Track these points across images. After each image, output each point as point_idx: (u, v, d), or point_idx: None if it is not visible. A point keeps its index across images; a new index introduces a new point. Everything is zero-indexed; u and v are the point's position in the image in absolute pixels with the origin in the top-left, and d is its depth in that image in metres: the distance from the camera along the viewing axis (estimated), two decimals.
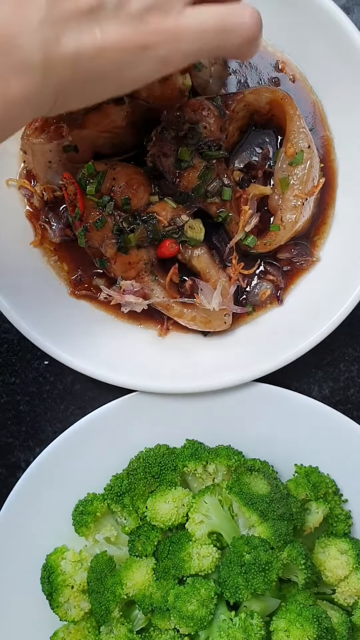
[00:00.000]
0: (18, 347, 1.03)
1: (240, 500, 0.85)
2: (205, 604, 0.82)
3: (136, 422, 0.95)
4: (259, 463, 0.93)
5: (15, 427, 1.03)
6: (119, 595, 0.86)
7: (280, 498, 0.86)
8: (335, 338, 1.00)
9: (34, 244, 0.97)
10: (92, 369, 0.92)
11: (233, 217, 0.92)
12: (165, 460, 0.91)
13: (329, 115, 0.95)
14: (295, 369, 0.98)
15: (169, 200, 0.90)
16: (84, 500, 0.93)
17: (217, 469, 0.92)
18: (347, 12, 0.96)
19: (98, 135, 0.91)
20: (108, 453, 0.96)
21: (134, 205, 0.89)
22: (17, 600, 0.94)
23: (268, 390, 0.94)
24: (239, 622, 0.81)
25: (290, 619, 0.82)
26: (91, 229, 0.89)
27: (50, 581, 0.90)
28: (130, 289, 0.91)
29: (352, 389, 1.02)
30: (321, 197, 0.96)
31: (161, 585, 0.85)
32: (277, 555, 0.82)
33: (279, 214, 0.92)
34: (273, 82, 0.96)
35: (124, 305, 0.93)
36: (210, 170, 0.88)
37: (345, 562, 0.88)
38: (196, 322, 0.93)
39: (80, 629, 0.91)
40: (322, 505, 0.91)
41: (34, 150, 0.91)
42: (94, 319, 0.97)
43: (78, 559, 0.91)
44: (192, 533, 0.86)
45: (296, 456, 0.95)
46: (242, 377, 0.92)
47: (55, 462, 0.94)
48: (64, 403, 1.03)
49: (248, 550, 0.82)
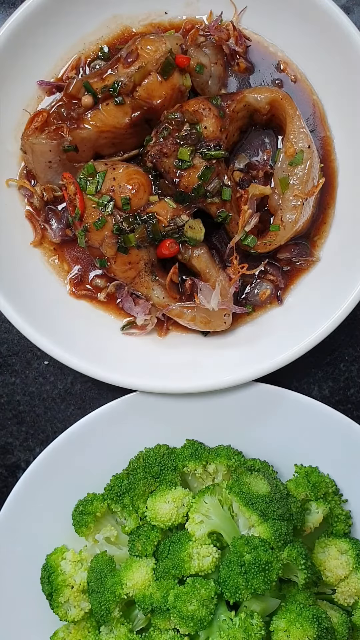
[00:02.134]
0: (18, 347, 1.03)
1: (240, 500, 0.85)
2: (205, 604, 0.82)
3: (136, 422, 0.95)
4: (259, 463, 0.93)
5: (15, 427, 1.03)
6: (119, 595, 0.86)
7: (280, 498, 0.86)
8: (335, 338, 1.00)
9: (34, 244, 0.97)
10: (93, 369, 0.92)
11: (233, 217, 0.92)
12: (165, 460, 0.91)
13: (329, 116, 0.95)
14: (295, 369, 0.98)
15: (169, 200, 0.90)
16: (84, 500, 0.93)
17: (217, 469, 0.92)
18: (347, 12, 0.96)
19: (98, 135, 0.91)
20: (108, 453, 0.96)
21: (134, 205, 0.89)
22: (17, 600, 0.94)
23: (268, 390, 0.94)
24: (239, 622, 0.81)
25: (290, 619, 0.82)
26: (91, 229, 0.89)
27: (50, 581, 0.90)
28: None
29: (352, 389, 1.02)
30: (321, 197, 0.96)
31: (161, 585, 0.85)
32: (277, 555, 0.82)
33: (279, 214, 0.92)
34: (276, 83, 0.96)
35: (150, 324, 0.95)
36: (210, 170, 0.88)
37: (345, 562, 0.88)
38: (196, 322, 0.93)
39: (80, 629, 0.91)
40: (322, 505, 0.91)
41: (34, 150, 0.91)
42: (93, 319, 0.97)
43: (78, 559, 0.91)
44: (192, 533, 0.86)
45: (296, 456, 0.95)
46: (242, 377, 0.92)
47: (55, 462, 0.94)
48: (64, 403, 1.03)
49: (248, 550, 0.82)
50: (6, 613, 0.94)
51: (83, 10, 0.95)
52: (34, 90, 0.96)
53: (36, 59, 0.95)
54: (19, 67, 0.94)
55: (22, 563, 0.94)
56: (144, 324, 0.95)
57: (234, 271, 0.92)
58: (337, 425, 0.93)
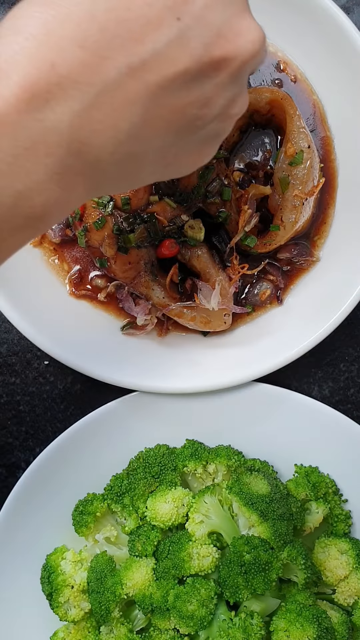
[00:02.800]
0: (18, 347, 1.03)
1: (240, 500, 0.85)
2: (205, 604, 0.82)
3: (136, 422, 0.95)
4: (259, 463, 0.93)
5: (15, 427, 1.03)
6: (119, 595, 0.86)
7: (280, 498, 0.86)
8: (335, 338, 1.00)
9: (34, 244, 0.97)
10: (92, 369, 0.92)
11: (233, 217, 0.92)
12: (165, 460, 0.91)
13: (329, 116, 0.95)
14: (295, 369, 0.98)
15: (169, 200, 0.90)
16: (84, 500, 0.93)
17: (217, 469, 0.92)
18: (347, 12, 0.96)
19: None
20: (108, 453, 0.96)
21: (134, 205, 0.89)
22: (17, 600, 0.94)
23: (268, 390, 0.94)
24: (239, 622, 0.81)
25: (290, 619, 0.82)
26: (91, 229, 0.89)
27: (50, 581, 0.90)
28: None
29: (352, 389, 1.02)
30: (321, 197, 0.96)
31: (161, 585, 0.85)
32: (277, 555, 0.82)
33: (279, 214, 0.92)
34: (276, 83, 0.96)
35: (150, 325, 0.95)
36: (210, 170, 0.88)
37: (345, 562, 0.88)
38: (196, 322, 0.93)
39: (80, 629, 0.91)
40: (322, 505, 0.91)
41: None
42: (93, 319, 0.97)
43: (78, 559, 0.91)
44: (192, 533, 0.86)
45: (296, 456, 0.95)
46: (242, 377, 0.92)
47: (55, 462, 0.94)
48: (64, 403, 1.03)
49: (248, 550, 0.82)
50: (6, 613, 0.94)
51: None
52: None
53: None
54: None
55: (22, 563, 0.94)
56: (144, 324, 0.95)
57: (234, 271, 0.92)
58: (337, 425, 0.93)
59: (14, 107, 0.45)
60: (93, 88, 0.46)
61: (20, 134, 0.46)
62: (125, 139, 0.49)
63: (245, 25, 0.53)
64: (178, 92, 0.49)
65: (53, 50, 0.45)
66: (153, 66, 0.47)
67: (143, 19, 0.46)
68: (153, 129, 0.51)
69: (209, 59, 0.49)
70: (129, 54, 0.46)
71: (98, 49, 0.46)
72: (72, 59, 0.45)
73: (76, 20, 0.45)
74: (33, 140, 0.46)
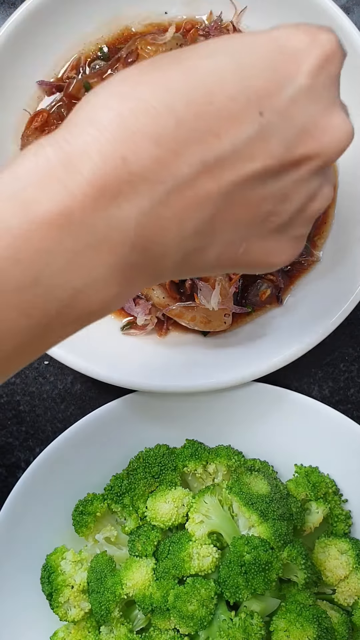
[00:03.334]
0: None
1: (240, 500, 0.85)
2: (205, 604, 0.82)
3: (136, 422, 0.95)
4: (259, 463, 0.93)
5: (15, 427, 1.03)
6: (119, 595, 0.86)
7: (280, 498, 0.86)
8: (335, 338, 1.00)
9: None
10: (92, 369, 0.92)
11: None
12: (165, 460, 0.91)
13: None
14: (295, 369, 0.98)
15: None
16: (84, 500, 0.93)
17: (217, 469, 0.92)
18: (347, 12, 0.96)
19: None
20: (108, 453, 0.96)
21: None
22: (17, 600, 0.94)
23: (268, 390, 0.94)
24: (239, 622, 0.81)
25: (290, 619, 0.82)
26: None
27: (50, 581, 0.90)
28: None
29: (352, 389, 1.02)
30: None
31: (161, 585, 0.85)
32: (277, 555, 0.82)
33: None
34: None
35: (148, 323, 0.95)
36: None
37: (345, 562, 0.88)
38: (196, 322, 0.93)
39: (80, 629, 0.91)
40: (322, 505, 0.91)
41: None
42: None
43: (78, 559, 0.91)
44: (192, 533, 0.86)
45: (296, 456, 0.95)
46: (242, 377, 0.92)
47: (55, 462, 0.94)
48: (64, 403, 1.03)
49: (248, 550, 0.82)
50: (6, 613, 0.94)
51: (83, 10, 0.95)
52: (34, 90, 0.96)
53: (36, 59, 0.95)
54: (19, 67, 0.94)
55: (22, 563, 0.94)
56: (144, 324, 0.95)
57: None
58: (337, 425, 0.93)
59: (81, 205, 0.42)
60: (163, 186, 0.44)
61: (83, 232, 0.43)
62: (192, 235, 0.47)
63: (333, 122, 0.50)
64: (252, 189, 0.47)
65: (125, 144, 0.42)
66: (229, 164, 0.45)
67: (225, 113, 0.44)
68: (222, 224, 0.48)
69: (290, 158, 0.47)
70: (204, 149, 0.44)
71: (173, 145, 0.43)
72: (145, 154, 0.43)
73: (154, 114, 0.43)
74: (97, 239, 0.43)
